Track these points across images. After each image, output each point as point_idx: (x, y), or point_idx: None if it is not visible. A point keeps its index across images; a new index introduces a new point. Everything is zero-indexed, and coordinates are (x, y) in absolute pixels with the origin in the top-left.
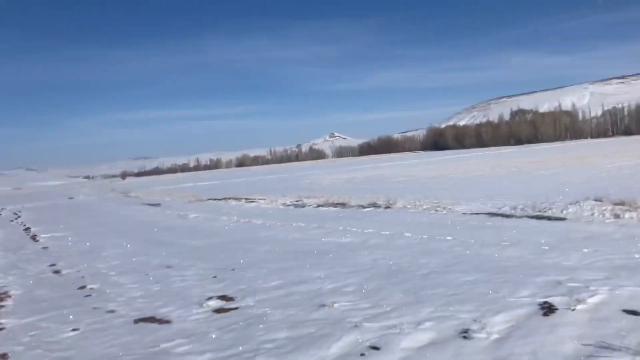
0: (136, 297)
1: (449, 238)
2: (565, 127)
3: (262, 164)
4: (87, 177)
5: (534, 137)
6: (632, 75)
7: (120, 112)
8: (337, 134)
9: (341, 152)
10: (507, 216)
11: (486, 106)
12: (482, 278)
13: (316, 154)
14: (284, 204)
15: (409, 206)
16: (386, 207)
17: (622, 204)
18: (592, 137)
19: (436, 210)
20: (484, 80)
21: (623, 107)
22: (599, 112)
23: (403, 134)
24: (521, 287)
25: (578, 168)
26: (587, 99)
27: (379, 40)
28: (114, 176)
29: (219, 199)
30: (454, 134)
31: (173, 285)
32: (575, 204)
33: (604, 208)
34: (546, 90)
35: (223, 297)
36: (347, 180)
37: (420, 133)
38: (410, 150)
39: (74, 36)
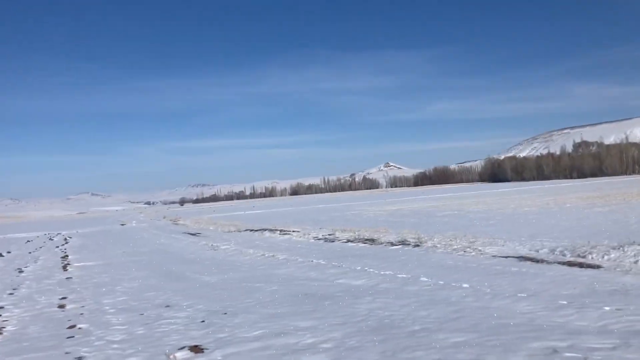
0: (114, 342)
1: (465, 286)
2: (633, 159)
3: (316, 192)
4: (148, 203)
5: (599, 170)
6: None
7: (182, 140)
8: (392, 164)
9: (395, 182)
10: (538, 261)
11: (548, 137)
12: (473, 340)
13: (370, 184)
14: (315, 238)
15: (438, 245)
16: (415, 246)
17: None
18: None
19: (465, 252)
20: (545, 111)
21: None
22: None
23: (460, 165)
24: (510, 354)
25: (638, 205)
26: None
27: (436, 71)
28: (173, 202)
29: (256, 230)
30: (513, 165)
31: (158, 329)
32: (619, 248)
33: None
34: (612, 121)
35: (194, 348)
36: (391, 212)
37: (478, 164)
38: (467, 181)
39: (139, 65)
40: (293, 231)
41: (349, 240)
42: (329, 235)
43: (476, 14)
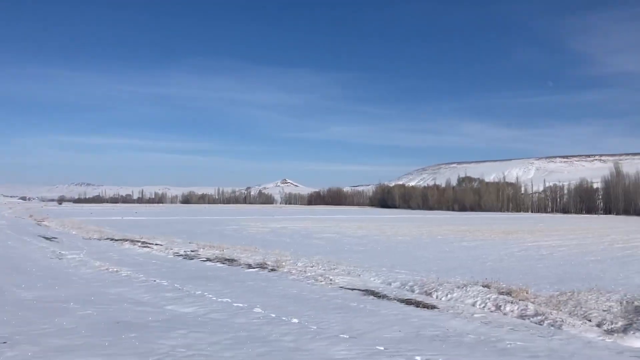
0: None
1: (294, 321)
2: (508, 198)
3: (209, 202)
4: (23, 198)
5: (477, 205)
6: (575, 156)
7: (71, 134)
8: (289, 181)
9: (290, 199)
10: (380, 297)
11: (436, 169)
12: None
13: (265, 199)
14: (176, 253)
15: (294, 271)
16: (272, 270)
17: (508, 293)
18: (532, 211)
19: (316, 280)
20: (437, 144)
21: (563, 185)
22: (541, 188)
23: (354, 188)
24: None
25: (500, 243)
26: (532, 173)
27: (341, 94)
28: (51, 200)
29: (117, 239)
30: (402, 193)
31: None
32: (463, 287)
33: (488, 296)
34: (495, 160)
35: None
36: (274, 230)
37: (370, 188)
38: (358, 204)
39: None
40: (156, 244)
41: (208, 259)
42: (192, 251)
43: (383, 45)
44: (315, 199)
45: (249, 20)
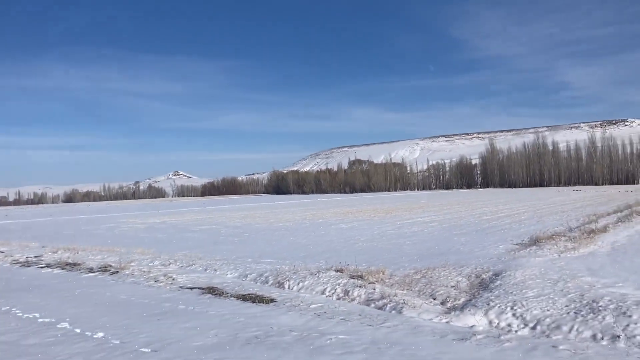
0: None
1: (98, 335)
2: (395, 178)
3: (94, 200)
4: None
5: (367, 186)
6: (455, 134)
7: None
8: (181, 172)
9: (183, 192)
10: (218, 294)
11: (329, 154)
12: None
13: (155, 192)
14: (15, 261)
15: (136, 273)
16: (113, 272)
17: (360, 276)
18: (418, 188)
19: (156, 281)
20: (328, 129)
21: (445, 163)
22: (425, 166)
23: (249, 176)
24: None
25: (378, 222)
26: (417, 153)
27: (229, 82)
28: None
29: None
30: (295, 179)
31: None
32: (316, 274)
33: (339, 281)
34: (382, 142)
35: None
36: (151, 225)
37: (265, 176)
38: (253, 192)
39: None
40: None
41: (48, 265)
42: (35, 257)
43: (271, 30)
44: (210, 190)
45: (127, 6)
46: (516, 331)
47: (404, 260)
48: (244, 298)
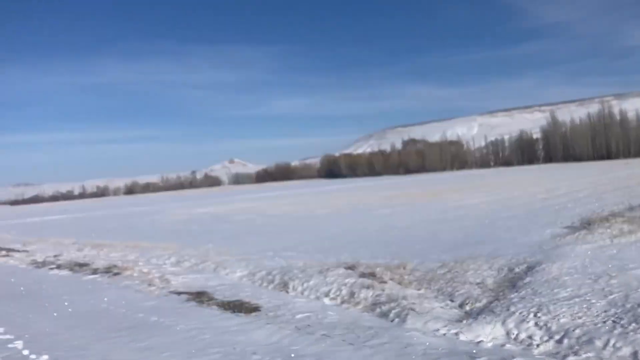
0: None
1: (42, 358)
2: (451, 157)
3: (154, 191)
4: None
5: (422, 167)
6: (515, 108)
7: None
8: (237, 160)
9: (238, 179)
10: (203, 302)
11: (382, 135)
12: None
13: (211, 181)
14: (33, 262)
15: (135, 275)
16: (115, 274)
17: (371, 275)
18: (476, 167)
19: (150, 284)
20: (381, 109)
21: (504, 139)
22: (484, 143)
23: (302, 161)
24: None
25: (422, 206)
26: (475, 129)
27: (281, 67)
28: None
29: None
30: (347, 162)
31: None
32: (324, 272)
33: (346, 281)
34: (438, 120)
35: None
36: (191, 217)
37: (318, 161)
38: (307, 177)
39: None
40: (23, 250)
41: (59, 266)
42: (54, 256)
43: (319, 13)
44: (263, 177)
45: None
46: (538, 345)
47: (435, 251)
48: (227, 306)
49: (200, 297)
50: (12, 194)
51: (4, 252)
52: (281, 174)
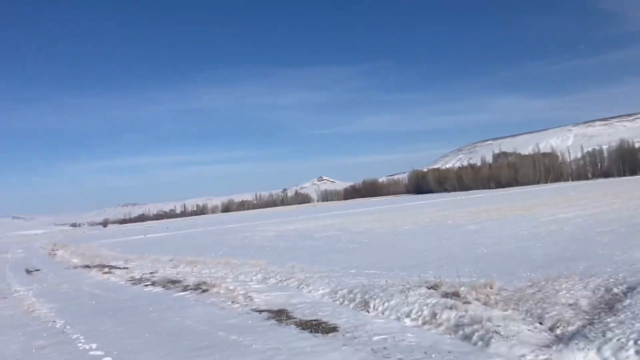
0: None
1: None
2: (545, 169)
3: (248, 208)
4: (74, 225)
5: (514, 180)
6: (614, 117)
7: (109, 159)
8: (325, 178)
9: (326, 196)
10: (282, 320)
11: (472, 149)
12: None
13: (301, 198)
14: (131, 278)
15: (222, 291)
16: (204, 291)
17: (455, 294)
18: (572, 179)
19: (233, 302)
20: (470, 123)
21: (602, 149)
22: (580, 155)
23: (389, 177)
24: None
25: (512, 221)
26: (571, 140)
27: (367, 85)
28: (99, 224)
29: (91, 266)
30: (436, 177)
31: None
32: (405, 291)
33: (428, 301)
34: (530, 132)
35: None
36: (279, 234)
37: (406, 176)
38: (394, 193)
39: (61, 83)
40: (124, 267)
41: (153, 283)
42: (151, 273)
43: (402, 30)
44: (351, 193)
45: (260, 24)
46: None
47: (525, 269)
48: (305, 325)
49: (280, 315)
50: (120, 213)
51: (106, 269)
52: (368, 190)
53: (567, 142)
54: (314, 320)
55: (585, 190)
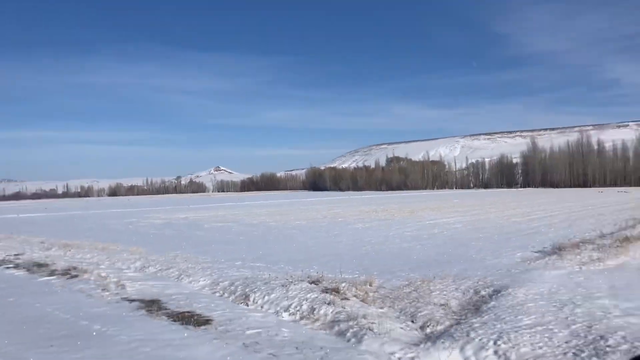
0: None
1: None
2: (432, 176)
3: (138, 194)
4: None
5: (404, 184)
6: (497, 132)
7: None
8: (222, 168)
9: (223, 187)
10: (155, 310)
11: (368, 151)
12: None
13: (196, 187)
14: None
15: (93, 278)
16: (72, 277)
17: (335, 290)
18: (456, 187)
19: (104, 289)
20: (369, 126)
21: (485, 161)
22: (465, 165)
23: (288, 172)
24: None
25: (398, 222)
26: (458, 151)
27: (274, 78)
28: None
29: None
30: (332, 175)
31: None
32: (287, 285)
33: (308, 296)
34: (423, 140)
35: None
36: (169, 222)
37: (304, 172)
38: (292, 188)
39: None
40: None
41: (17, 266)
42: (15, 255)
43: (315, 28)
44: (248, 186)
45: (173, 4)
46: None
47: (405, 268)
48: (177, 317)
49: (151, 305)
50: None
51: None
52: (266, 183)
53: (454, 152)
54: (188, 312)
55: (466, 198)
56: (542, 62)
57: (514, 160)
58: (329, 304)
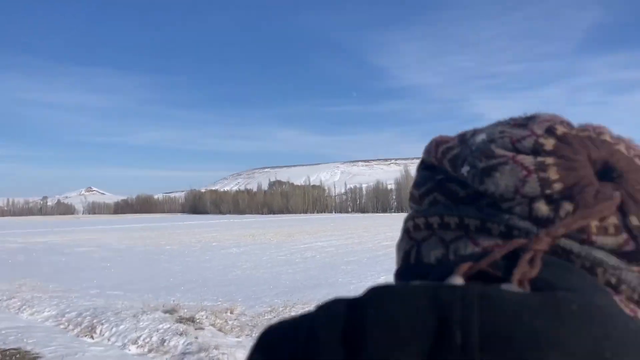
0: None
1: None
2: (313, 200)
3: None
4: None
5: (285, 208)
6: (374, 160)
7: None
8: (94, 189)
9: (94, 209)
10: None
11: (251, 174)
12: None
13: (64, 209)
14: None
15: None
16: None
17: (190, 319)
18: (335, 211)
19: None
20: (251, 149)
21: (362, 187)
22: (344, 190)
23: (166, 194)
24: None
25: (273, 246)
26: (337, 176)
27: (151, 97)
28: None
29: None
30: (213, 198)
31: None
32: (138, 315)
33: (160, 326)
34: (305, 165)
35: None
36: (26, 245)
37: (184, 195)
38: (170, 212)
39: None
40: None
41: None
42: None
43: (196, 48)
44: (123, 208)
45: (48, 14)
46: None
47: (271, 294)
48: (1, 356)
49: None
50: None
51: None
52: (142, 206)
53: (334, 177)
54: (14, 350)
55: (342, 222)
56: (416, 94)
57: (389, 187)
58: (181, 334)
